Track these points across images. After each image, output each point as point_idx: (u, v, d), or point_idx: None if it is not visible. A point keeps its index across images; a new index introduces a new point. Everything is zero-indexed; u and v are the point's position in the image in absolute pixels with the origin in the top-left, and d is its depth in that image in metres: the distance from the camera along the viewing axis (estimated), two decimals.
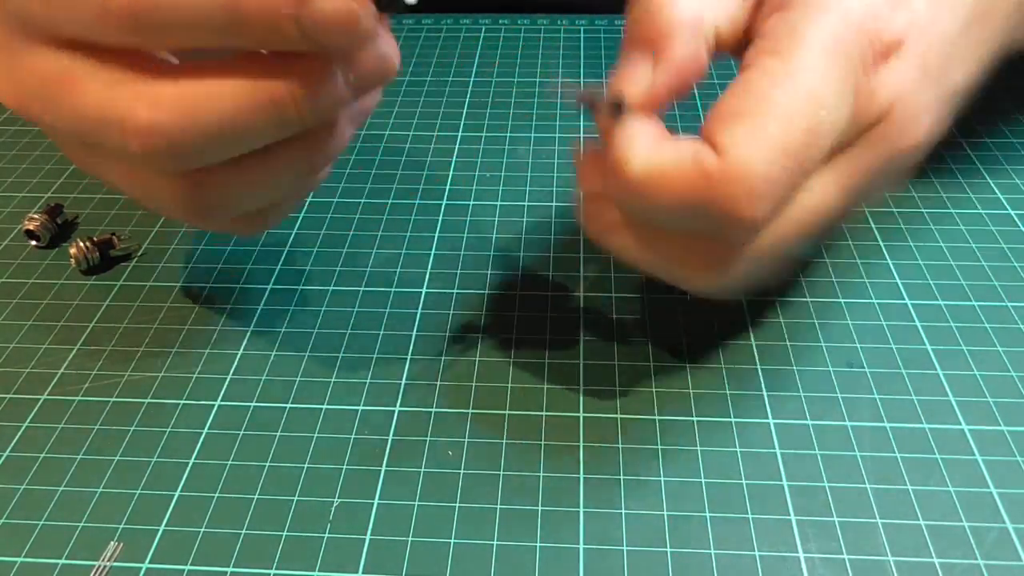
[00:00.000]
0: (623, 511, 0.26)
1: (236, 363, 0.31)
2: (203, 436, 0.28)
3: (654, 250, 0.26)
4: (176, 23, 0.22)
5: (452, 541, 0.25)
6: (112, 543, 0.25)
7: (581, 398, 0.29)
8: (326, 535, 0.25)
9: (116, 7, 0.22)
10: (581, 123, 0.45)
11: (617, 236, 0.27)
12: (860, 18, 0.25)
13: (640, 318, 0.32)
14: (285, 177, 0.27)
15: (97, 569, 0.25)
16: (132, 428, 0.29)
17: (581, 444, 0.28)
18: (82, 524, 0.26)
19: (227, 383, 0.30)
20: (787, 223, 0.25)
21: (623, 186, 0.24)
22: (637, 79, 0.25)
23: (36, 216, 0.37)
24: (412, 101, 0.47)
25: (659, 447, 0.28)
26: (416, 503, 0.26)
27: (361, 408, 0.29)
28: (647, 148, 0.24)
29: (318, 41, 0.22)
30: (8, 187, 0.41)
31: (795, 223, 0.25)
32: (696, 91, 0.45)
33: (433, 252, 0.36)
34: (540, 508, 0.26)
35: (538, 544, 0.25)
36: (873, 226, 0.37)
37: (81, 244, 0.35)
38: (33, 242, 0.37)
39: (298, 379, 0.30)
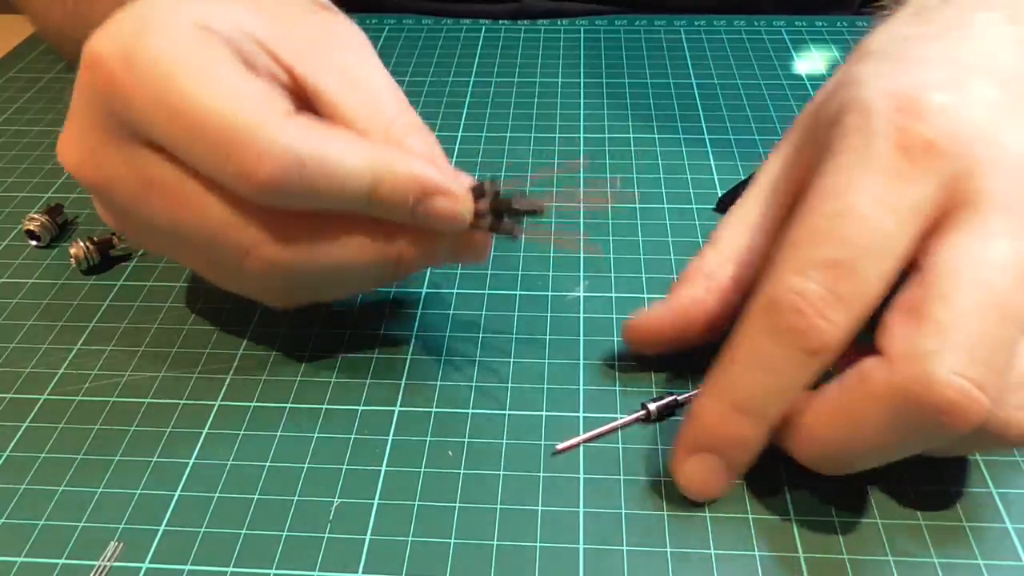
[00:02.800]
0: (623, 511, 0.26)
1: (236, 363, 0.31)
2: (203, 436, 0.28)
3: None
4: (321, 197, 0.25)
5: (452, 541, 0.25)
6: (112, 543, 0.25)
7: (581, 398, 0.29)
8: (326, 535, 0.25)
9: (262, 180, 0.24)
10: (581, 123, 0.45)
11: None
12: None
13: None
14: (363, 287, 0.32)
15: (97, 569, 0.25)
16: (132, 428, 0.29)
17: (581, 445, 0.28)
18: (82, 524, 0.26)
19: (227, 383, 0.30)
20: None
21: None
22: None
23: (36, 216, 0.37)
24: (413, 101, 0.47)
25: (659, 447, 0.28)
26: (416, 503, 0.26)
27: (361, 408, 0.29)
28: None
29: (430, 226, 0.26)
30: (8, 187, 0.41)
31: None
32: None
33: None
34: (540, 508, 0.26)
35: (538, 544, 0.25)
36: None
37: (81, 244, 0.35)
38: (33, 242, 0.37)
39: (298, 379, 0.30)
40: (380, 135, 0.27)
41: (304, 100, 0.27)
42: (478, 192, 0.27)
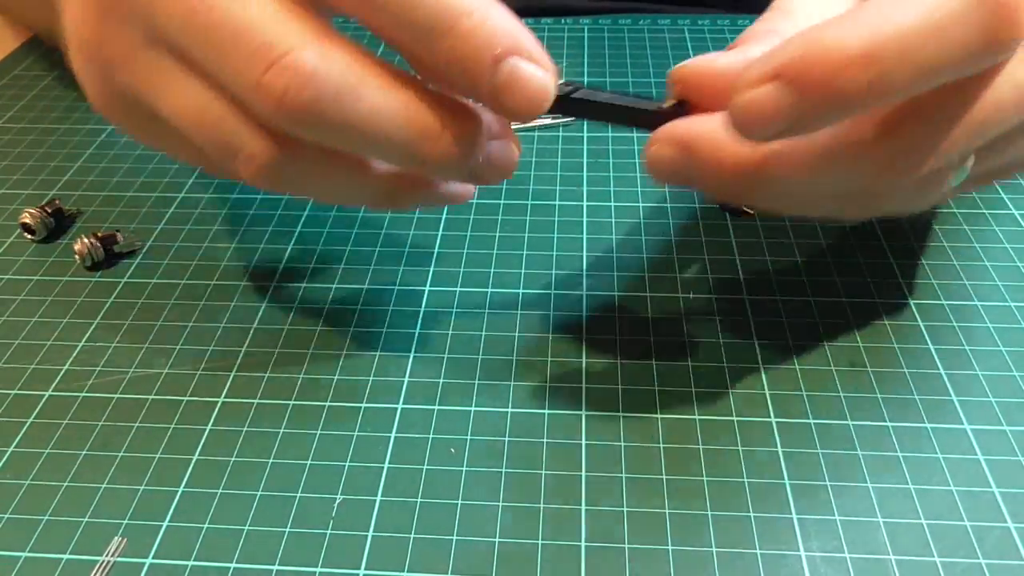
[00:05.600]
0: (625, 509, 0.26)
1: (239, 360, 0.31)
2: (206, 432, 0.29)
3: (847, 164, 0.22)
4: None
5: (454, 538, 0.25)
6: (116, 538, 0.25)
7: (583, 396, 0.29)
8: (328, 531, 0.25)
9: None
10: (584, 122, 0.45)
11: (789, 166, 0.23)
12: None
13: (643, 316, 0.33)
14: (361, 191, 0.26)
15: (101, 564, 0.25)
16: (136, 424, 0.29)
17: (583, 442, 0.28)
18: (86, 519, 0.26)
19: (230, 380, 0.30)
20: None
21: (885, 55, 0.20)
22: None
23: (32, 210, 0.37)
24: None
25: (661, 445, 0.28)
26: (418, 500, 0.26)
27: (364, 405, 0.29)
28: None
29: (506, 99, 0.22)
30: (12, 185, 0.41)
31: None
32: None
33: (437, 250, 0.36)
34: (542, 505, 0.26)
35: (540, 541, 0.25)
36: (875, 226, 0.37)
37: (85, 240, 0.35)
38: (29, 235, 0.37)
39: (301, 376, 0.30)
40: None
41: None
42: None
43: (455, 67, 0.22)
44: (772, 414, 0.29)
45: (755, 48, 0.23)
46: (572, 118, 0.24)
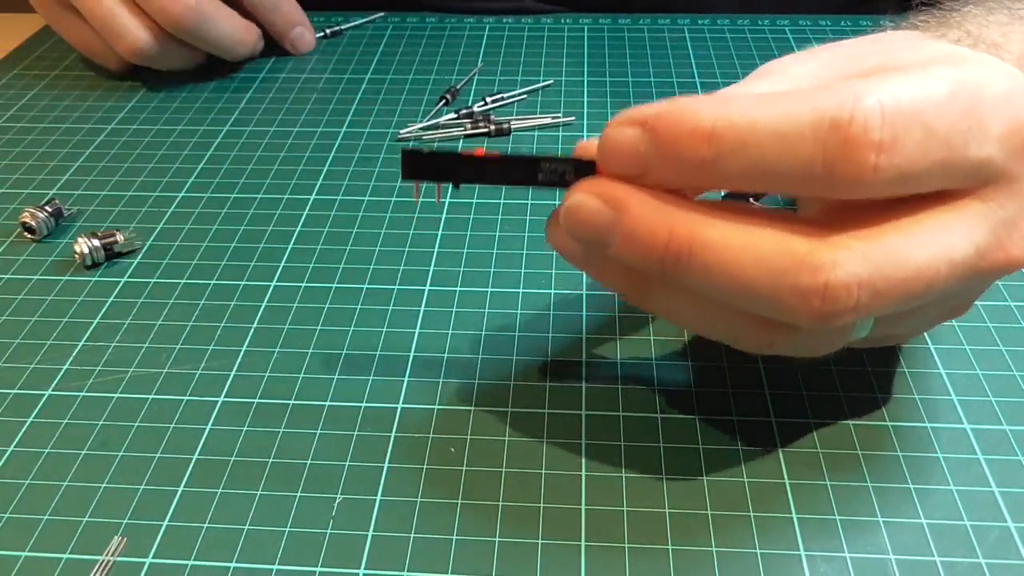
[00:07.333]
0: (624, 508, 0.26)
1: (239, 360, 0.31)
2: (206, 432, 0.29)
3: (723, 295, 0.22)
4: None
5: (454, 537, 0.25)
6: (116, 538, 0.25)
7: (583, 396, 0.29)
8: (328, 531, 0.25)
9: (171, 14, 0.46)
10: (584, 122, 0.45)
11: (667, 292, 0.24)
12: None
13: (643, 315, 0.33)
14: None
15: (101, 564, 0.25)
16: (136, 424, 0.29)
17: (583, 442, 0.28)
18: (86, 519, 0.26)
19: (230, 379, 0.30)
20: (907, 264, 0.21)
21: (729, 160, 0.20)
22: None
23: (32, 209, 0.37)
24: (416, 99, 0.47)
25: (661, 445, 0.28)
26: (418, 499, 0.26)
27: (364, 405, 0.29)
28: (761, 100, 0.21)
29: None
30: (12, 184, 0.41)
31: (915, 268, 0.21)
32: None
33: (436, 249, 0.36)
34: (542, 505, 0.26)
35: (540, 540, 0.25)
36: None
37: (85, 240, 0.35)
38: (29, 235, 0.37)
39: (301, 376, 0.30)
40: None
41: None
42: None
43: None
44: (772, 414, 0.29)
45: None
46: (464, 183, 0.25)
